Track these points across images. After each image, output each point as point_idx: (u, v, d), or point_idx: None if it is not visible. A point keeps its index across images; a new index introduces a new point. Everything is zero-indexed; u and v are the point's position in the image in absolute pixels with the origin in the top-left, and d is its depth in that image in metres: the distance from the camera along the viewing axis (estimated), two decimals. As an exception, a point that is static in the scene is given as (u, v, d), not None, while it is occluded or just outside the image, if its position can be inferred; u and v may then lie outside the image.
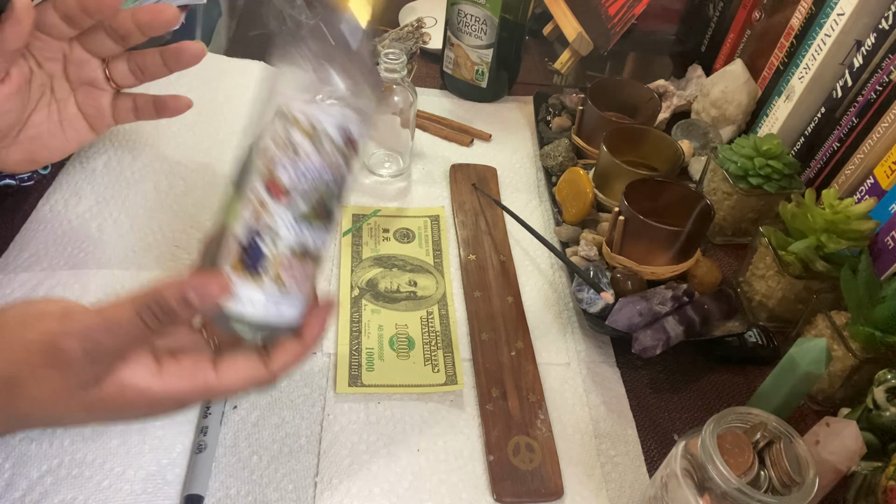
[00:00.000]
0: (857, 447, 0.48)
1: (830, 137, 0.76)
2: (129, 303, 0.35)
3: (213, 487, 0.50)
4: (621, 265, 0.66)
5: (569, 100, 0.88)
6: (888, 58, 0.68)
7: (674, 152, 0.74)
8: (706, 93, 0.88)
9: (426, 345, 0.62)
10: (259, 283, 0.39)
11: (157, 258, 0.62)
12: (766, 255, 0.67)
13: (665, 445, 0.58)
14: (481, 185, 0.79)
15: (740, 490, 0.40)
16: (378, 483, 0.52)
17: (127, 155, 0.71)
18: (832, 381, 0.60)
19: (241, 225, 0.39)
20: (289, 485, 0.51)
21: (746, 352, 0.65)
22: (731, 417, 0.44)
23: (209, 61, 0.71)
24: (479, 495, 0.52)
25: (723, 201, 0.74)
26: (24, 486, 0.47)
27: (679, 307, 0.62)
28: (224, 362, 0.39)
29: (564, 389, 0.61)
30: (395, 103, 0.74)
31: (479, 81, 0.91)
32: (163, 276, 0.36)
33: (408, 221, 0.74)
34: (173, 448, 0.50)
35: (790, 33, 0.81)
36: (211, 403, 0.53)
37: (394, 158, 0.80)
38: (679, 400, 0.62)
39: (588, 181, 0.72)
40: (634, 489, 0.54)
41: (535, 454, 0.55)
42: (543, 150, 0.82)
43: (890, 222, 0.63)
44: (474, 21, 0.85)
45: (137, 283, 0.58)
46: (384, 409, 0.57)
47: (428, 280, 0.68)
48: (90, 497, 0.47)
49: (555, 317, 0.67)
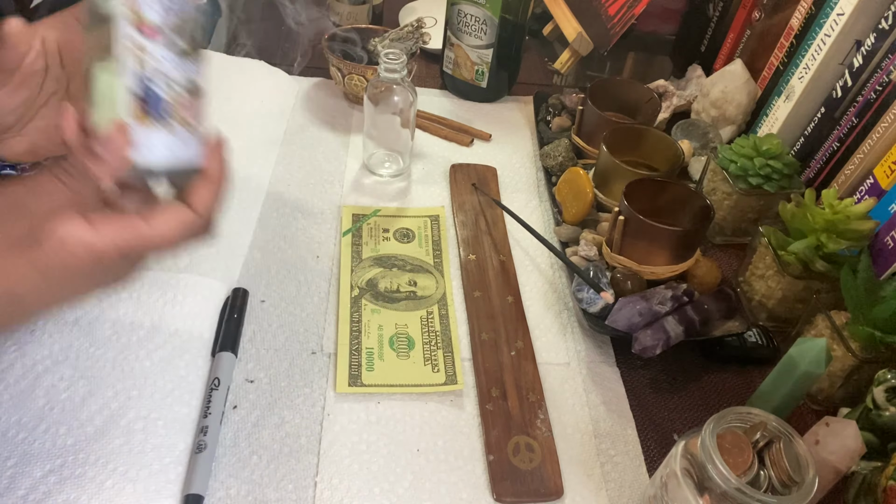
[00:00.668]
0: (856, 447, 0.48)
1: (830, 137, 0.76)
2: (46, 168, 0.38)
3: (213, 487, 0.50)
4: (621, 265, 0.66)
5: (569, 100, 0.88)
6: (888, 58, 0.68)
7: (674, 152, 0.74)
8: (706, 93, 0.88)
9: (426, 345, 0.62)
10: (166, 126, 0.40)
11: (157, 258, 0.62)
12: (765, 254, 0.67)
13: (665, 445, 0.58)
14: (481, 185, 0.79)
15: (740, 490, 0.40)
16: (378, 483, 0.52)
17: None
18: (832, 381, 0.60)
19: (129, 76, 0.39)
20: (289, 485, 0.51)
21: (746, 352, 0.65)
22: (730, 417, 0.44)
23: (209, 60, 0.72)
24: (479, 495, 0.52)
25: (723, 201, 0.74)
26: (26, 485, 0.47)
27: (679, 307, 0.62)
28: (150, 213, 0.40)
29: (564, 389, 0.61)
30: (395, 103, 0.74)
31: (479, 81, 0.91)
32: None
33: (408, 221, 0.74)
34: (175, 446, 0.50)
35: (790, 33, 0.81)
36: (211, 403, 0.53)
37: (394, 158, 0.80)
38: (679, 400, 0.62)
39: (588, 181, 0.72)
40: (634, 489, 0.54)
41: (534, 454, 0.55)
42: (543, 150, 0.82)
43: (890, 222, 0.63)
44: (474, 21, 0.85)
45: (137, 284, 0.59)
46: (384, 409, 0.57)
47: (428, 280, 0.68)
48: (94, 497, 0.47)
49: (555, 317, 0.67)
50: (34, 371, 0.53)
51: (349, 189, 0.77)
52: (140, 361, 0.54)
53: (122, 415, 0.51)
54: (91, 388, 0.52)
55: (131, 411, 0.51)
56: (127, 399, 0.52)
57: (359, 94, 0.85)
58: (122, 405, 0.52)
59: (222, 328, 0.59)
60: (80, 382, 0.53)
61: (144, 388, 0.53)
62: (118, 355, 0.55)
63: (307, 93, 0.90)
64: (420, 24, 0.83)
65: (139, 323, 0.57)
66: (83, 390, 0.52)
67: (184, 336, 0.57)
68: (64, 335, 0.55)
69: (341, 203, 0.75)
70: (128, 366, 0.54)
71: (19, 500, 0.46)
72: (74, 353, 0.54)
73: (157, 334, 0.56)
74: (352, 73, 0.83)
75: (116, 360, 0.54)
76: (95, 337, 0.55)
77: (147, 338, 0.56)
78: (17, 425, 0.50)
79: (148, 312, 0.58)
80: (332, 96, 0.90)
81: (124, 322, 0.57)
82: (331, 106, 0.88)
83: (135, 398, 0.52)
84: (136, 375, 0.54)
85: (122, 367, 0.54)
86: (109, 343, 0.55)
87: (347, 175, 0.79)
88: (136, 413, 0.51)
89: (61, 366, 0.54)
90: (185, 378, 0.54)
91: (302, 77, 0.91)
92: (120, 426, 0.50)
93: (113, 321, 0.57)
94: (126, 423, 0.51)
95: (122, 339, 0.56)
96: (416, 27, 0.83)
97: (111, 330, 0.56)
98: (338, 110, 0.88)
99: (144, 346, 0.55)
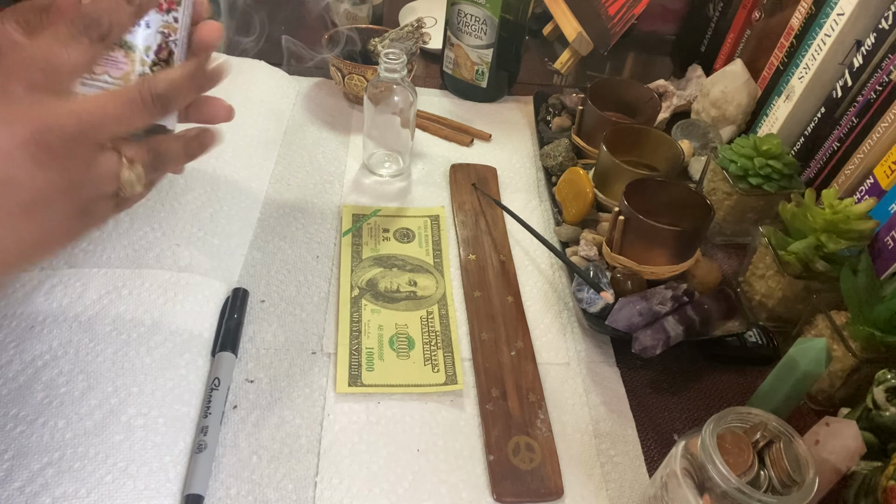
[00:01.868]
0: (856, 447, 0.48)
1: (830, 137, 0.76)
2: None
3: (213, 487, 0.50)
4: (621, 265, 0.66)
5: (569, 100, 0.88)
6: (888, 58, 0.68)
7: (674, 152, 0.74)
8: (706, 93, 0.88)
9: (426, 345, 0.62)
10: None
11: (157, 256, 0.62)
12: (765, 255, 0.67)
13: (665, 445, 0.58)
14: (481, 185, 0.79)
15: (740, 490, 0.40)
16: (378, 483, 0.52)
17: (127, 154, 0.71)
18: (832, 381, 0.60)
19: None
20: (289, 485, 0.51)
21: (746, 352, 0.65)
22: (730, 417, 0.44)
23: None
24: (479, 495, 0.52)
25: (723, 201, 0.74)
26: (24, 477, 0.47)
27: (679, 307, 0.62)
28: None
29: (564, 389, 0.61)
30: (395, 103, 0.74)
31: (479, 81, 0.91)
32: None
33: (408, 221, 0.74)
34: (175, 445, 0.50)
35: (790, 33, 0.81)
36: (211, 403, 0.53)
37: (394, 158, 0.80)
38: (679, 400, 0.62)
39: (588, 181, 0.72)
40: (634, 489, 0.54)
41: (535, 454, 0.55)
42: (543, 150, 0.82)
43: (890, 222, 0.63)
44: (474, 21, 0.85)
45: (138, 282, 0.59)
46: (384, 409, 0.57)
47: (428, 280, 0.68)
48: (93, 490, 0.47)
49: (555, 317, 0.67)
50: (33, 366, 0.53)
51: (349, 189, 0.77)
52: (140, 358, 0.54)
53: (122, 411, 0.51)
54: (90, 383, 0.52)
55: (131, 408, 0.51)
56: (127, 395, 0.52)
57: (359, 94, 0.85)
58: (121, 401, 0.52)
59: (222, 328, 0.59)
60: (79, 377, 0.53)
61: (145, 384, 0.53)
62: (118, 351, 0.54)
63: (307, 93, 0.90)
64: (420, 24, 0.83)
65: (139, 320, 0.57)
66: (82, 385, 0.52)
67: (184, 335, 0.57)
68: (63, 331, 0.55)
69: (341, 203, 0.75)
70: (128, 363, 0.54)
71: (15, 492, 0.46)
72: (74, 348, 0.54)
73: (158, 332, 0.56)
74: (352, 73, 0.83)
75: (116, 356, 0.54)
76: (95, 333, 0.55)
77: (147, 335, 0.56)
78: (14, 419, 0.50)
79: (148, 310, 0.57)
80: (332, 96, 0.90)
81: (125, 319, 0.57)
82: (331, 106, 0.88)
83: (135, 395, 0.52)
84: (136, 372, 0.53)
85: (121, 364, 0.54)
86: (110, 339, 0.55)
87: (347, 175, 0.79)
88: (137, 410, 0.51)
89: (60, 361, 0.53)
90: (185, 377, 0.54)
91: (302, 77, 0.91)
92: (120, 422, 0.50)
93: (113, 318, 0.56)
94: (126, 420, 0.51)
95: (122, 335, 0.56)
96: (416, 27, 0.83)
97: (111, 326, 0.56)
98: (338, 110, 0.88)
99: (145, 343, 0.55)
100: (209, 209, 0.67)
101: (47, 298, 0.57)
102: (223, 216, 0.68)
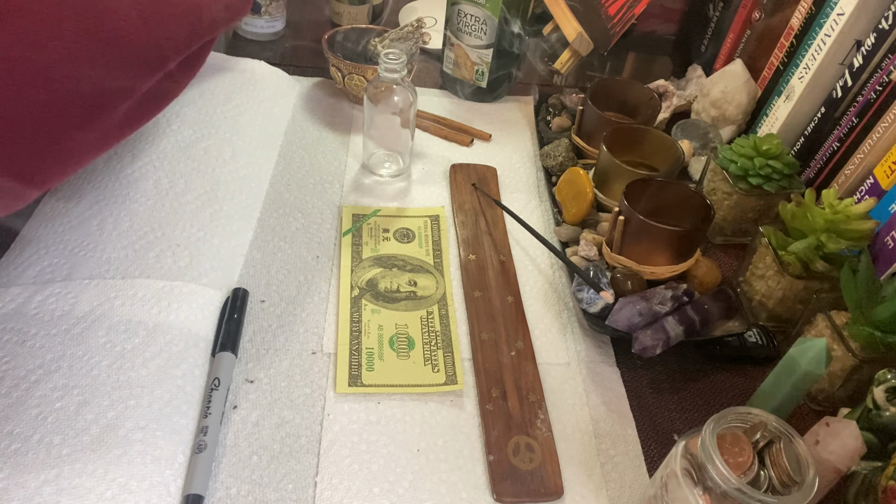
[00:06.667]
0: (856, 447, 0.48)
1: (830, 137, 0.76)
2: None
3: (213, 487, 0.50)
4: (621, 265, 0.66)
5: (569, 100, 0.88)
6: (888, 58, 0.68)
7: (674, 152, 0.74)
8: (706, 93, 0.88)
9: (426, 345, 0.62)
10: None
11: (157, 256, 0.62)
12: (765, 255, 0.67)
13: (665, 445, 0.58)
14: (481, 185, 0.79)
15: (740, 490, 0.40)
16: (378, 483, 0.52)
17: (127, 153, 0.71)
18: (832, 381, 0.60)
19: None
20: (289, 485, 0.51)
21: (746, 352, 0.65)
22: (730, 417, 0.44)
23: (209, 59, 0.72)
24: (479, 495, 0.52)
25: (723, 201, 0.74)
26: (20, 496, 0.45)
27: (679, 307, 0.62)
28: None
29: (564, 389, 0.61)
30: (395, 103, 0.74)
31: (479, 81, 0.91)
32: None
33: (408, 221, 0.74)
34: (175, 459, 0.50)
35: (790, 33, 0.81)
36: (211, 403, 0.53)
37: (394, 158, 0.80)
38: (679, 400, 0.62)
39: (588, 181, 0.72)
40: (634, 489, 0.54)
41: (535, 454, 0.55)
42: (543, 150, 0.82)
43: (890, 222, 0.63)
44: (474, 21, 0.85)
45: (131, 293, 0.58)
46: (384, 409, 0.57)
47: (428, 280, 0.68)
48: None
49: (555, 317, 0.67)
50: (27, 381, 0.52)
51: (349, 189, 0.77)
52: (136, 370, 0.53)
53: (120, 425, 0.50)
54: (86, 397, 0.51)
55: (129, 421, 0.50)
56: (124, 409, 0.51)
57: (359, 94, 0.85)
58: (119, 415, 0.50)
59: (222, 328, 0.59)
60: (74, 392, 0.51)
61: (142, 397, 0.52)
62: (113, 364, 0.53)
63: (307, 93, 0.90)
64: (420, 24, 0.83)
65: (134, 331, 0.56)
66: (78, 399, 0.51)
67: (180, 345, 0.56)
68: (56, 345, 0.54)
69: (341, 203, 0.75)
70: (124, 375, 0.52)
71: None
72: (67, 362, 0.53)
73: (153, 343, 0.55)
74: (352, 73, 0.83)
75: (111, 369, 0.53)
76: (89, 345, 0.54)
77: (142, 346, 0.55)
78: (9, 436, 0.48)
79: (143, 321, 0.56)
80: (332, 96, 0.90)
81: (118, 330, 0.55)
82: (331, 106, 0.88)
83: (132, 408, 0.51)
84: (132, 384, 0.52)
85: (117, 377, 0.53)
86: (104, 351, 0.54)
87: (347, 175, 0.79)
88: (135, 423, 0.50)
89: (54, 375, 0.52)
90: (182, 388, 0.53)
91: (302, 77, 0.91)
92: (118, 436, 0.49)
93: (107, 330, 0.55)
94: (124, 434, 0.49)
95: (116, 347, 0.54)
96: (416, 27, 0.83)
97: (105, 338, 0.55)
98: (338, 110, 0.88)
99: (140, 354, 0.54)
100: (209, 209, 0.67)
101: (38, 312, 0.56)
102: (223, 216, 0.68)
